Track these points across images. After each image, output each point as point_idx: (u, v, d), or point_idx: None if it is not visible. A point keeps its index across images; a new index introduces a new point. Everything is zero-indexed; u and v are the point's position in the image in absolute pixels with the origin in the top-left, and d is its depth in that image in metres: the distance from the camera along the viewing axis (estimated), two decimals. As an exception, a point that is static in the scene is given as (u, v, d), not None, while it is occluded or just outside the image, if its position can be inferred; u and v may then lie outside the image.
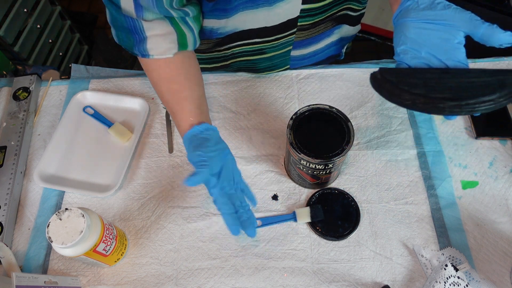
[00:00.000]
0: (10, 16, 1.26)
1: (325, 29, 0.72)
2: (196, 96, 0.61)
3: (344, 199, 0.63)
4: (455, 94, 0.44)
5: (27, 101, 0.74)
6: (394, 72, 0.48)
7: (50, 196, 0.66)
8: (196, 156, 0.53)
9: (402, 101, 0.47)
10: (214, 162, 0.54)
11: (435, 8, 0.48)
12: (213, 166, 0.53)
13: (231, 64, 0.78)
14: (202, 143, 0.55)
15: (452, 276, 0.54)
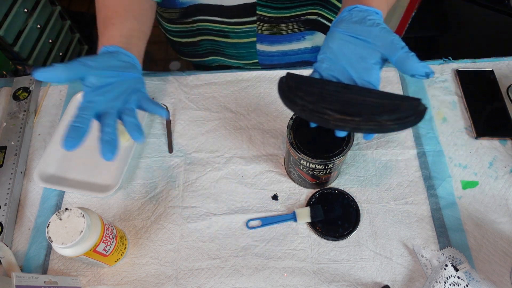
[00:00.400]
0: (10, 16, 1.26)
1: (294, 30, 0.72)
2: (128, 27, 0.56)
3: (344, 199, 0.63)
4: (343, 108, 0.44)
5: (27, 101, 0.74)
6: (298, 78, 0.47)
7: (50, 196, 0.66)
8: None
9: (293, 106, 0.46)
10: (93, 72, 0.49)
11: (364, 23, 0.46)
12: (76, 66, 0.48)
13: (200, 43, 0.79)
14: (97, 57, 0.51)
15: (452, 276, 0.54)
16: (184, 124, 0.73)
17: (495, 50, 0.83)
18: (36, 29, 1.40)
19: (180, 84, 0.78)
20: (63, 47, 1.58)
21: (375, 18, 0.47)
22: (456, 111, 0.72)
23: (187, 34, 0.79)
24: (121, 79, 0.51)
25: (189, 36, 0.79)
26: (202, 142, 0.71)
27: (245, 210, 0.64)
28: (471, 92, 0.73)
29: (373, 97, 0.44)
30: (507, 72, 0.76)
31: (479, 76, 0.75)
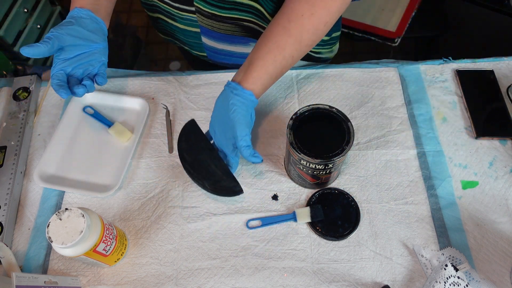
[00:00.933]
0: (10, 16, 1.26)
1: (235, 33, 0.72)
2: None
3: (344, 199, 0.63)
4: (192, 167, 0.62)
5: (27, 101, 0.74)
6: (194, 129, 0.64)
7: (50, 196, 0.66)
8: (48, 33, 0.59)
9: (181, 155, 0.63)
10: (61, 40, 0.60)
11: (227, 108, 0.60)
12: (55, 43, 0.59)
13: (158, 20, 0.81)
14: (62, 24, 0.61)
15: (452, 276, 0.54)
16: (184, 124, 0.73)
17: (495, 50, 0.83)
18: (36, 29, 1.40)
19: (180, 84, 0.78)
20: (63, 47, 1.58)
21: (235, 102, 0.58)
22: (456, 111, 0.72)
23: (149, 9, 0.79)
24: (88, 51, 0.65)
25: (150, 11, 0.80)
26: (202, 142, 0.71)
27: (245, 210, 0.64)
28: (471, 92, 0.73)
29: (216, 166, 0.60)
30: (507, 72, 0.76)
31: (479, 76, 0.75)
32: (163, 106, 0.75)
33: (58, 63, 0.61)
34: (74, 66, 0.62)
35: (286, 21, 0.58)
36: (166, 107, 0.74)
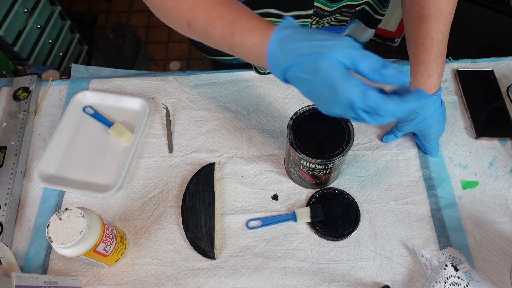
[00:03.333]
0: (10, 16, 1.26)
1: (339, 22, 0.69)
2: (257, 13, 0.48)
3: (344, 199, 0.63)
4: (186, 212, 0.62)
5: (27, 101, 0.74)
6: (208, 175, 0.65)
7: (50, 196, 0.66)
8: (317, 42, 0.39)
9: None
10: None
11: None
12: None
13: None
14: (310, 32, 0.40)
15: (452, 276, 0.54)
16: (184, 124, 0.73)
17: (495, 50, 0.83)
18: (36, 29, 1.40)
19: (180, 84, 0.78)
20: (63, 47, 1.58)
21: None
22: (456, 111, 0.72)
23: None
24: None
25: None
26: (202, 142, 0.71)
27: (245, 210, 0.64)
28: (471, 92, 0.73)
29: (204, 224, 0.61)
30: (507, 72, 0.76)
31: (479, 76, 0.75)
32: (163, 106, 0.75)
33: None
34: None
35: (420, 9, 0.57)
36: (166, 107, 0.74)
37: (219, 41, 0.45)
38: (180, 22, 0.47)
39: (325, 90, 0.39)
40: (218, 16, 0.44)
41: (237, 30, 0.43)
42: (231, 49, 0.44)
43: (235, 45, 0.43)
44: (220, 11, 0.44)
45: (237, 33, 0.43)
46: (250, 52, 0.43)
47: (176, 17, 0.46)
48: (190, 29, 0.46)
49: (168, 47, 1.93)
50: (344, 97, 0.38)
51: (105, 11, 2.11)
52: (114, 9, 2.12)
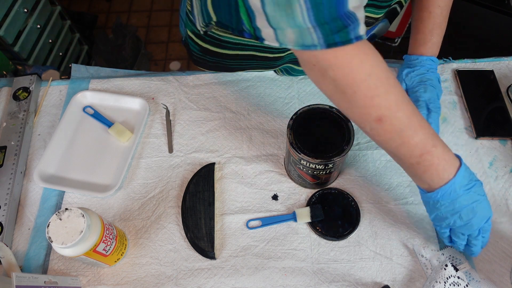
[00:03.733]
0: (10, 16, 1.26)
1: (374, 23, 0.68)
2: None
3: (344, 199, 0.63)
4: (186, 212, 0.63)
5: (27, 101, 0.74)
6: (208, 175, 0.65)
7: (50, 196, 0.66)
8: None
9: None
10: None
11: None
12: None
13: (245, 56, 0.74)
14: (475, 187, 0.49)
15: (452, 276, 0.54)
16: (184, 124, 0.73)
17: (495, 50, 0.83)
18: (36, 29, 1.40)
19: (180, 84, 0.78)
20: (63, 47, 1.58)
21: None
22: (456, 111, 0.72)
23: (239, 47, 0.69)
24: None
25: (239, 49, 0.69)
26: (202, 142, 0.71)
27: (245, 210, 0.64)
28: (471, 92, 0.73)
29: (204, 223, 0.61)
30: (507, 72, 0.76)
31: (479, 76, 0.75)
32: (163, 106, 0.75)
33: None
34: None
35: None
36: (166, 107, 0.74)
37: (413, 146, 0.47)
38: (367, 112, 0.46)
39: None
40: (421, 125, 0.47)
41: (439, 143, 0.48)
42: (420, 156, 0.47)
43: (429, 154, 0.47)
44: (422, 121, 0.47)
45: (439, 146, 0.47)
46: (435, 168, 0.48)
47: (365, 106, 0.46)
48: (378, 122, 0.46)
49: (168, 47, 1.93)
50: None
51: (105, 11, 2.11)
52: (114, 9, 2.12)
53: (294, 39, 0.43)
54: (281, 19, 0.42)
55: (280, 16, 0.41)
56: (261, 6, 0.42)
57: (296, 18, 0.41)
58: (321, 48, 0.43)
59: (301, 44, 0.43)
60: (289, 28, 0.42)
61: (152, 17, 2.04)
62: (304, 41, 0.43)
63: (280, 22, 0.42)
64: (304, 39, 0.43)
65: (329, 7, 0.40)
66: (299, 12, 0.40)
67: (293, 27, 0.42)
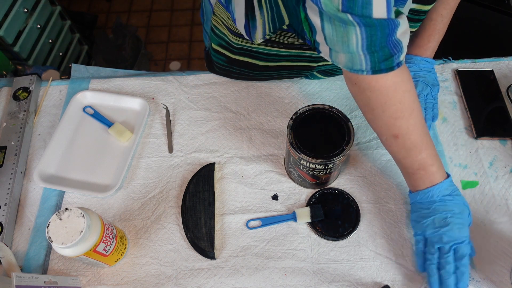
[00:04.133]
0: (10, 16, 1.26)
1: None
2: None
3: (344, 199, 0.63)
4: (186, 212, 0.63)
5: (27, 101, 0.74)
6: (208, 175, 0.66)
7: (50, 196, 0.66)
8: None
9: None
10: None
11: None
12: None
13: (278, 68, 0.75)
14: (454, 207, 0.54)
15: (452, 276, 0.53)
16: (184, 124, 0.73)
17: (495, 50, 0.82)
18: (36, 29, 1.40)
19: (180, 84, 0.78)
20: (63, 47, 1.57)
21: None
22: (456, 111, 0.72)
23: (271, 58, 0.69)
24: None
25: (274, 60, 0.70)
26: (202, 142, 0.71)
27: (245, 210, 0.64)
28: (471, 92, 0.73)
29: (204, 223, 0.62)
30: (507, 72, 0.76)
31: (479, 76, 0.75)
32: (163, 106, 0.75)
33: None
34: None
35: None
36: (166, 107, 0.74)
37: (415, 161, 0.54)
38: (388, 129, 0.53)
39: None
40: (427, 147, 0.54)
41: (436, 163, 0.54)
42: (417, 169, 0.54)
43: (425, 170, 0.54)
44: (429, 143, 0.54)
45: (435, 165, 0.54)
46: (428, 176, 0.54)
47: (388, 124, 0.52)
48: (394, 138, 0.53)
49: (168, 47, 1.93)
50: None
51: (105, 11, 2.10)
52: (114, 9, 2.12)
53: (345, 62, 0.48)
54: (337, 43, 0.46)
55: (336, 41, 0.46)
56: (321, 27, 0.46)
57: (351, 46, 0.45)
58: (367, 74, 0.48)
59: (350, 68, 0.48)
60: (342, 52, 0.47)
61: (152, 17, 2.04)
62: (354, 65, 0.48)
63: (335, 45, 0.47)
64: (353, 64, 0.48)
65: (381, 37, 0.44)
66: (354, 41, 0.44)
67: (346, 52, 0.46)
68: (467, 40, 1.26)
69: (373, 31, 0.43)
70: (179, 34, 1.96)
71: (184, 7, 2.06)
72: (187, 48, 1.93)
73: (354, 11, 0.41)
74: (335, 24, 0.44)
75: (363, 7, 0.41)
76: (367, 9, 0.41)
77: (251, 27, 0.59)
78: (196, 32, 1.96)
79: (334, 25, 0.44)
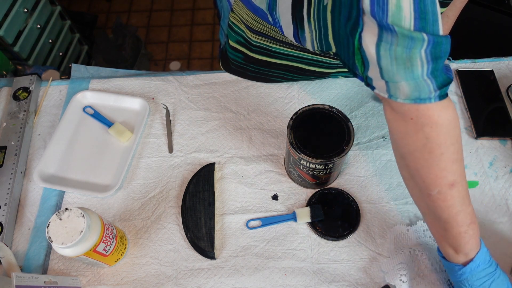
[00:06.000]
0: (10, 16, 1.26)
1: None
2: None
3: (344, 199, 0.63)
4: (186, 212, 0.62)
5: (27, 101, 0.74)
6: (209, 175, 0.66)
7: (50, 196, 0.66)
8: None
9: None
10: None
11: None
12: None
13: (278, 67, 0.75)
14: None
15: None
16: (184, 124, 0.73)
17: (495, 50, 0.82)
18: (36, 29, 1.40)
19: (180, 84, 0.78)
20: (63, 47, 1.57)
21: None
22: (456, 111, 0.72)
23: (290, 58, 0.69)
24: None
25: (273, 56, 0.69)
26: (202, 142, 0.71)
27: (245, 210, 0.64)
28: (471, 92, 0.73)
29: (204, 224, 0.62)
30: (507, 72, 0.76)
31: (479, 76, 0.75)
32: (163, 106, 0.75)
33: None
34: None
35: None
36: (166, 107, 0.74)
37: (467, 213, 0.47)
38: (444, 176, 0.46)
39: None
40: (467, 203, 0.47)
41: (474, 226, 0.48)
42: (469, 225, 0.47)
43: (475, 224, 0.48)
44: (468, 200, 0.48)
45: (473, 227, 0.48)
46: (476, 237, 0.48)
47: (446, 169, 0.45)
48: (450, 187, 0.46)
49: (168, 47, 1.93)
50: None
51: (105, 11, 2.10)
52: (114, 9, 2.12)
53: (409, 92, 0.43)
54: (397, 72, 0.42)
55: (397, 70, 0.41)
56: (376, 59, 0.42)
57: (415, 71, 0.41)
58: (435, 101, 0.43)
59: (417, 97, 0.43)
60: (404, 81, 0.42)
61: (152, 17, 2.04)
62: (421, 93, 0.42)
63: (396, 75, 0.42)
64: (420, 92, 0.42)
65: (444, 57, 0.41)
66: (419, 64, 0.40)
67: (410, 80, 0.42)
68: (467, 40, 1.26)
69: (438, 49, 0.40)
70: (179, 34, 1.96)
71: (184, 7, 2.06)
72: (187, 48, 1.93)
73: (426, 30, 0.39)
74: (396, 51, 0.40)
75: (433, 25, 0.39)
76: (437, 26, 0.39)
77: (300, 36, 0.56)
78: (196, 32, 1.96)
79: (395, 52, 0.40)
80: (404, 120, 0.45)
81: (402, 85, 0.43)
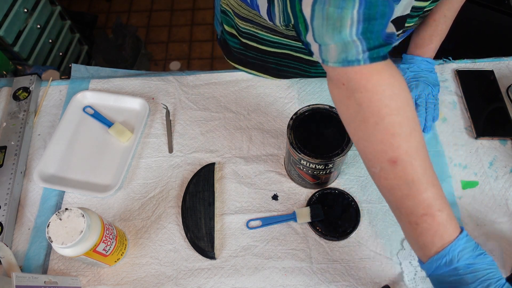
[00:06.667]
0: (10, 16, 1.26)
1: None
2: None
3: (344, 199, 0.63)
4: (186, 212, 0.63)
5: (27, 101, 0.74)
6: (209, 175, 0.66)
7: (50, 196, 0.66)
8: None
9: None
10: None
11: None
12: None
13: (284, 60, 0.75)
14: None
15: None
16: (184, 124, 0.73)
17: (495, 50, 0.82)
18: (36, 29, 1.40)
19: (180, 84, 0.78)
20: (63, 47, 1.57)
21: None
22: (456, 111, 0.72)
23: (276, 45, 0.69)
24: None
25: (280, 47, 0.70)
26: (202, 142, 0.71)
27: (245, 210, 0.64)
28: (471, 92, 0.73)
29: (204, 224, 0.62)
30: (507, 72, 0.76)
31: (479, 76, 0.75)
32: (163, 106, 0.75)
33: None
34: None
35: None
36: (166, 107, 0.74)
37: (418, 201, 0.42)
38: (383, 150, 0.42)
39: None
40: (433, 183, 0.42)
41: (446, 209, 0.42)
42: (421, 217, 0.41)
43: (431, 217, 0.41)
44: (435, 179, 0.43)
45: (444, 212, 0.42)
46: (436, 228, 0.41)
47: (383, 142, 0.41)
48: (391, 164, 0.41)
49: (168, 47, 1.93)
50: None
51: (105, 11, 2.10)
52: (114, 9, 2.12)
53: (337, 54, 0.41)
54: (327, 33, 0.40)
55: (327, 31, 0.40)
56: (310, 18, 0.41)
57: (344, 31, 0.39)
58: (364, 63, 0.40)
59: (343, 59, 0.41)
60: (332, 43, 0.41)
61: (152, 17, 2.04)
62: (348, 55, 0.40)
63: (325, 36, 0.40)
64: (347, 53, 0.40)
65: (381, 21, 0.39)
66: (348, 24, 0.39)
67: (338, 41, 0.40)
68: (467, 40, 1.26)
69: (373, 11, 0.38)
70: (179, 34, 1.96)
71: (184, 7, 2.06)
72: (187, 48, 1.93)
73: None
74: (328, 10, 0.39)
75: None
76: None
77: (272, 12, 0.57)
78: (196, 32, 1.96)
79: (327, 12, 0.39)
80: (338, 86, 0.43)
81: (331, 48, 0.41)
